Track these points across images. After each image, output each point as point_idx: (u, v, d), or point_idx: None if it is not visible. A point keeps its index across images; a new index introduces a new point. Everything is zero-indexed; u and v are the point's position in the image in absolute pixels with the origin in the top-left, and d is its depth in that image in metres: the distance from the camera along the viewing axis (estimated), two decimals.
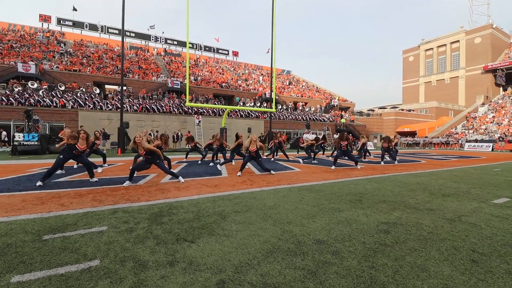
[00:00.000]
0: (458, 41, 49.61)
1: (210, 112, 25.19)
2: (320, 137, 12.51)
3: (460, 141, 26.96)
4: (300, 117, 32.46)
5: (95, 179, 5.46)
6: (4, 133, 15.46)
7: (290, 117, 31.70)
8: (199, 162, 9.46)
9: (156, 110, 23.05)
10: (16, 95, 17.49)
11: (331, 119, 36.27)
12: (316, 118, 34.49)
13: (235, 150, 8.54)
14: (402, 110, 45.29)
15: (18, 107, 16.30)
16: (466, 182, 5.76)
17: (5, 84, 18.86)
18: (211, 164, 8.68)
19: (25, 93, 18.24)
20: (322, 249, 2.25)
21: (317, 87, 49.70)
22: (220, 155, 9.97)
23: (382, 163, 9.56)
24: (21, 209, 3.37)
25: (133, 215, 3.18)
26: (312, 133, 24.03)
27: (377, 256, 2.11)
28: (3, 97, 16.63)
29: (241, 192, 4.53)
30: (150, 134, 17.16)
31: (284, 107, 35.17)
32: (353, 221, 3.01)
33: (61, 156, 5.24)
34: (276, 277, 1.79)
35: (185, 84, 30.44)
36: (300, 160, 10.07)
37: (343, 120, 36.30)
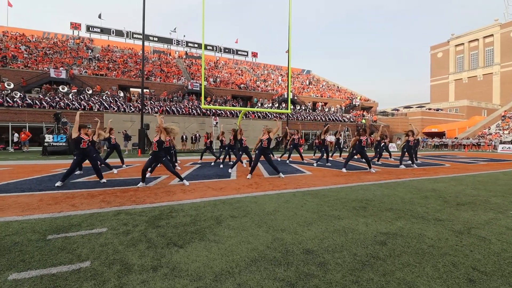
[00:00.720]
0: (492, 35, 46.15)
1: (228, 113, 25.51)
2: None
3: (493, 143, 25.04)
4: (319, 118, 31.90)
5: (103, 180, 5.72)
6: (16, 135, 15.83)
7: (308, 117, 31.26)
8: (212, 164, 9.62)
9: (176, 112, 23.77)
10: (48, 99, 18.84)
11: (351, 120, 35.28)
12: (336, 119, 33.70)
13: (240, 149, 8.64)
14: (430, 109, 42.95)
15: (49, 110, 17.56)
16: (489, 189, 5.34)
17: (39, 89, 20.39)
18: (221, 166, 8.83)
19: (56, 97, 19.60)
20: (309, 259, 2.19)
21: (338, 87, 48.56)
22: (232, 156, 10.10)
23: (402, 166, 9.14)
24: (36, 209, 3.63)
25: (134, 217, 3.30)
26: (330, 134, 23.52)
27: (365, 270, 2.03)
28: (36, 101, 18.02)
29: (244, 196, 4.54)
30: None
31: (303, 108, 34.75)
32: (350, 230, 2.90)
33: (75, 157, 5.57)
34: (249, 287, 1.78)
35: (205, 86, 31.09)
36: (315, 163, 9.86)
37: (364, 121, 35.15)
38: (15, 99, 17.71)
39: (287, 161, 10.82)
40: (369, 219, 3.29)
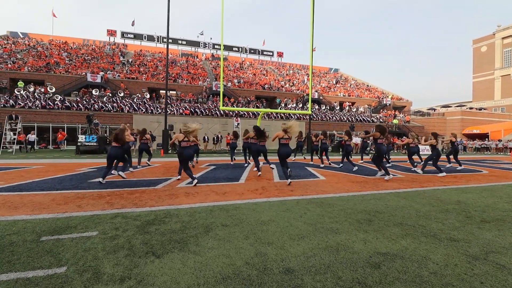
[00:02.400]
0: None
1: (251, 114, 25.57)
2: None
3: None
4: (345, 118, 30.74)
5: (100, 179, 5.88)
6: (32, 136, 15.65)
7: (334, 118, 30.25)
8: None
9: (200, 113, 24.37)
10: (84, 101, 20.36)
11: (381, 120, 33.48)
12: (363, 119, 32.23)
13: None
14: (471, 108, 39.30)
15: (84, 112, 18.96)
16: None
17: (77, 92, 22.12)
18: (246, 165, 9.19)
19: (91, 99, 21.12)
20: (285, 281, 2.02)
21: (368, 85, 46.43)
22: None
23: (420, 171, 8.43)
24: (45, 208, 3.86)
25: (128, 221, 3.35)
26: (356, 135, 22.48)
27: None
28: (73, 104, 19.56)
29: (245, 202, 4.43)
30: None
31: (328, 108, 33.71)
32: (344, 247, 2.65)
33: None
34: None
35: (229, 87, 31.52)
36: (336, 166, 9.36)
37: (395, 121, 33.14)
38: (56, 102, 19.40)
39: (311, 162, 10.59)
40: (370, 235, 2.99)
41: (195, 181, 5.63)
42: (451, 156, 10.44)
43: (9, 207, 3.89)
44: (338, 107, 35.10)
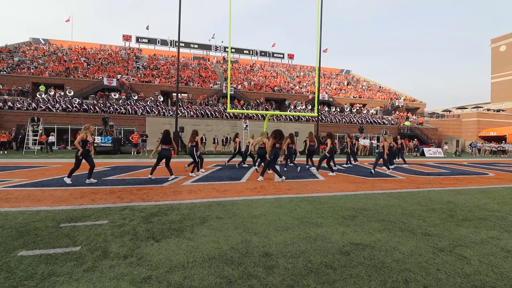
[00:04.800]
0: None
1: (260, 116, 25.91)
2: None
3: None
4: (355, 120, 30.52)
5: (93, 180, 6.21)
6: (51, 137, 16.11)
7: (343, 120, 30.12)
8: (237, 166, 9.86)
9: (210, 115, 24.96)
10: (100, 104, 21.37)
11: (392, 122, 32.99)
12: (374, 121, 31.87)
13: (246, 152, 8.99)
14: (488, 110, 38.01)
15: (100, 114, 19.92)
16: None
17: (94, 95, 23.23)
18: (256, 167, 8.99)
19: (107, 102, 22.13)
20: (261, 262, 2.35)
21: (380, 86, 45.81)
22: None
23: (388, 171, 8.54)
24: (64, 201, 4.35)
25: (135, 213, 3.77)
26: (365, 138, 22.39)
27: (307, 277, 2.12)
28: (91, 106, 20.59)
29: (242, 199, 4.77)
30: (202, 138, 18.77)
31: (338, 110, 33.58)
32: (321, 238, 2.95)
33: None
34: (195, 281, 2.02)
35: (239, 89, 32.04)
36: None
37: (407, 123, 32.57)
38: (74, 105, 20.49)
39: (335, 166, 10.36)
40: (350, 229, 3.27)
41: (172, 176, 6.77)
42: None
43: (33, 200, 4.41)
44: (348, 109, 34.89)
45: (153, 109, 23.20)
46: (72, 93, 22.85)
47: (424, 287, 2.01)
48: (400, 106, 38.46)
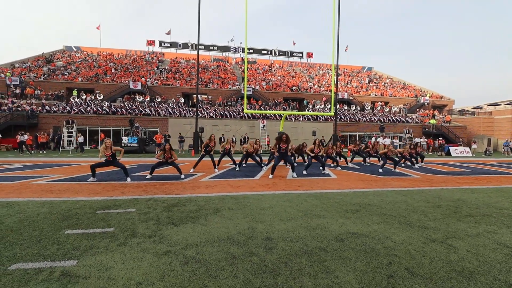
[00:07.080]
0: None
1: (277, 116, 26.17)
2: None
3: None
4: (376, 119, 29.79)
5: (128, 179, 6.59)
6: (80, 138, 16.70)
7: (364, 118, 29.52)
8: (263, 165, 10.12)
9: (228, 115, 25.63)
10: (127, 106, 22.77)
11: (417, 120, 31.78)
12: (397, 119, 30.89)
13: (246, 155, 9.50)
14: None
15: (127, 116, 21.24)
16: None
17: (121, 98, 24.76)
18: (263, 166, 9.44)
19: (133, 105, 23.51)
20: (263, 244, 2.71)
21: (404, 83, 44.18)
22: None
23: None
24: (98, 193, 4.98)
25: (158, 203, 4.29)
26: (385, 137, 21.88)
27: (301, 256, 2.44)
28: (118, 109, 22.01)
29: (254, 193, 5.15)
30: (220, 139, 19.44)
31: (358, 108, 32.93)
32: (320, 227, 3.25)
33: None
34: (205, 255, 2.42)
35: (257, 90, 32.48)
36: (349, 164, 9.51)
37: (433, 121, 31.20)
38: (104, 108, 22.02)
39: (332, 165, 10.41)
40: (349, 221, 3.52)
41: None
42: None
43: (72, 192, 5.09)
44: (369, 107, 34.08)
45: (175, 111, 24.26)
46: (101, 97, 24.53)
47: (405, 269, 2.26)
48: (426, 104, 36.88)
